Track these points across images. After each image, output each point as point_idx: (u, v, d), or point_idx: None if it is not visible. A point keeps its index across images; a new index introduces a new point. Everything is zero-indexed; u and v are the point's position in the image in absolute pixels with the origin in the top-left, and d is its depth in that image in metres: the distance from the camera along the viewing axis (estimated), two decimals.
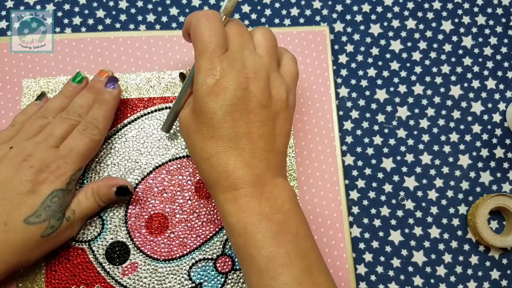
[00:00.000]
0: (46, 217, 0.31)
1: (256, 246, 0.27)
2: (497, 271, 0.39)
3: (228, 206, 0.28)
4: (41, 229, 0.31)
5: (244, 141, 0.28)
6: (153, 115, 0.38)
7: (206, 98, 0.28)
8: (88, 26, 0.41)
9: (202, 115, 0.28)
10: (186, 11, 0.41)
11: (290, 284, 0.26)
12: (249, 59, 0.29)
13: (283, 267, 0.27)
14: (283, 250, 0.27)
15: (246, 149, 0.28)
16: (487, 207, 0.38)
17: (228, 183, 0.28)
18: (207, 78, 0.28)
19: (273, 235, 0.27)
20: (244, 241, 0.28)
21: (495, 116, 0.41)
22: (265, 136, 0.29)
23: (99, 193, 0.34)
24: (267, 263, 0.27)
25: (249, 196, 0.28)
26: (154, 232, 0.36)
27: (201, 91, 0.28)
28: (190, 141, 0.30)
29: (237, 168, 0.28)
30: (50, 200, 0.31)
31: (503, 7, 0.43)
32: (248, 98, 0.28)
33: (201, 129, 0.29)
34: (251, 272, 0.28)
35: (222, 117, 0.28)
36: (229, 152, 0.28)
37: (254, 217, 0.27)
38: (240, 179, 0.28)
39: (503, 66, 0.42)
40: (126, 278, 0.35)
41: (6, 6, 0.40)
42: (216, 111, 0.28)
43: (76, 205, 0.33)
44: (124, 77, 0.38)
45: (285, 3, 0.42)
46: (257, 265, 0.27)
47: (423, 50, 0.42)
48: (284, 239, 0.27)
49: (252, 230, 0.27)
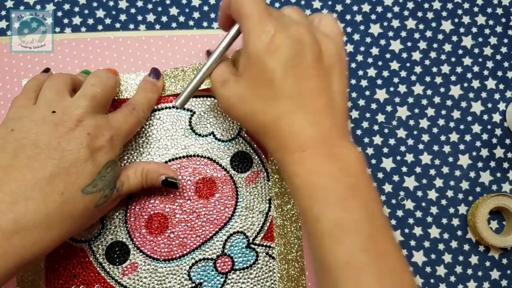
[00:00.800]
0: (101, 186, 0.30)
1: (322, 208, 0.26)
2: (497, 271, 0.39)
3: (295, 167, 0.27)
4: (96, 199, 0.30)
5: (308, 99, 0.28)
6: (153, 115, 0.38)
7: (263, 57, 0.27)
8: (88, 26, 0.41)
9: (261, 77, 0.28)
10: (186, 11, 0.41)
11: (355, 250, 0.25)
12: (291, 20, 0.29)
13: (348, 232, 0.26)
14: (350, 215, 0.26)
15: (310, 107, 0.28)
16: (487, 207, 0.38)
17: (295, 144, 0.27)
18: (261, 37, 0.27)
19: (341, 198, 0.26)
20: (310, 203, 0.27)
21: (495, 116, 0.41)
22: (325, 92, 0.28)
23: (147, 175, 0.34)
24: (333, 227, 0.26)
25: (318, 157, 0.27)
26: (154, 232, 0.36)
27: (256, 52, 0.28)
28: (247, 109, 0.29)
29: (304, 127, 0.27)
30: (105, 170, 0.30)
31: (503, 7, 0.43)
32: (304, 52, 0.28)
33: (261, 92, 0.28)
34: (314, 234, 0.27)
35: (282, 74, 0.27)
36: (295, 111, 0.28)
37: (323, 179, 0.27)
38: (308, 138, 0.27)
39: (503, 66, 0.42)
40: (126, 278, 0.35)
41: (6, 6, 0.40)
42: (276, 68, 0.27)
43: (125, 179, 0.33)
44: (124, 77, 0.38)
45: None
46: (322, 228, 0.26)
47: (423, 50, 0.42)
48: (352, 204, 0.26)
49: (319, 192, 0.27)
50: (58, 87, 0.31)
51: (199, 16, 0.41)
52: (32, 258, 0.27)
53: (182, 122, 0.38)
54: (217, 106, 0.38)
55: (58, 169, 0.28)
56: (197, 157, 0.37)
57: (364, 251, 0.25)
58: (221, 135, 0.38)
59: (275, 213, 0.37)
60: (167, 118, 0.38)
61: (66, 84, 0.32)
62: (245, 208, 0.37)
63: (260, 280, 0.36)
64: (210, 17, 0.41)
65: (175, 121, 0.38)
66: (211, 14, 0.41)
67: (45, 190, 0.27)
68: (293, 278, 0.36)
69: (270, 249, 0.36)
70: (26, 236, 0.26)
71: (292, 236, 0.36)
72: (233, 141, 0.38)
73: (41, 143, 0.28)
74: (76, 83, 0.33)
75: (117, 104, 0.37)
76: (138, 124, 0.35)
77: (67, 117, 0.30)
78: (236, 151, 0.38)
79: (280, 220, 0.37)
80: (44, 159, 0.28)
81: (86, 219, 0.30)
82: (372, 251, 0.25)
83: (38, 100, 0.31)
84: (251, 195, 0.37)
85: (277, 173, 0.37)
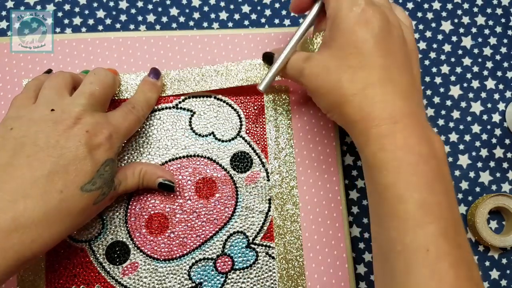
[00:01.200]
0: (100, 185, 0.30)
1: (408, 188, 0.25)
2: (496, 271, 0.39)
3: (383, 140, 0.26)
4: (95, 197, 0.30)
5: (396, 72, 0.28)
6: (153, 115, 0.38)
7: (355, 26, 0.28)
8: (88, 26, 0.41)
9: (351, 46, 0.28)
10: (186, 11, 0.41)
11: (437, 236, 0.24)
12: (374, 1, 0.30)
13: (433, 217, 0.25)
14: (436, 199, 0.25)
15: (398, 81, 0.28)
16: (486, 207, 0.38)
17: (385, 114, 0.27)
18: (353, 7, 0.28)
19: (428, 181, 0.25)
20: (395, 180, 0.26)
21: (495, 116, 0.41)
22: (410, 71, 0.29)
23: (145, 176, 0.34)
24: (417, 209, 0.25)
25: (409, 132, 0.26)
26: (154, 232, 0.36)
27: (348, 21, 0.28)
28: (332, 80, 0.29)
29: (395, 98, 0.27)
30: (104, 168, 0.30)
31: (502, 7, 0.43)
32: (391, 29, 0.29)
33: (349, 62, 0.28)
34: (393, 214, 0.26)
35: (374, 45, 0.28)
36: (384, 82, 0.28)
37: (412, 157, 0.26)
38: (399, 111, 0.27)
39: (502, 66, 0.42)
40: (126, 278, 0.35)
41: (7, 6, 0.40)
42: (368, 39, 0.28)
43: (123, 178, 0.33)
44: (124, 77, 0.38)
45: (285, 3, 0.42)
46: (405, 208, 0.25)
47: (422, 50, 0.42)
48: (438, 188, 0.26)
49: (407, 170, 0.26)
50: (58, 86, 0.31)
51: (199, 17, 0.41)
52: (31, 256, 0.27)
53: (182, 122, 0.38)
54: (217, 106, 0.38)
55: (57, 167, 0.28)
56: (197, 157, 0.37)
57: (445, 239, 0.25)
58: (221, 135, 0.38)
59: (275, 213, 0.37)
60: (167, 118, 0.38)
61: (66, 83, 0.32)
62: (245, 208, 0.37)
63: (260, 280, 0.36)
64: (210, 17, 0.41)
65: (175, 121, 0.38)
66: (211, 15, 0.41)
67: (44, 188, 0.28)
68: (293, 278, 0.36)
69: (270, 249, 0.36)
70: (25, 234, 0.27)
71: (292, 236, 0.37)
72: (233, 141, 0.38)
73: (40, 141, 0.28)
74: (76, 81, 0.33)
75: (117, 105, 0.37)
76: (138, 123, 0.35)
77: (66, 115, 0.30)
78: (236, 151, 0.38)
79: (280, 220, 0.37)
80: (43, 157, 0.28)
81: (85, 216, 0.30)
82: (452, 240, 0.25)
83: (38, 99, 0.31)
84: (251, 195, 0.37)
85: (277, 173, 0.37)
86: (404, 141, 0.26)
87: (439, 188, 0.26)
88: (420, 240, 0.25)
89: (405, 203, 0.25)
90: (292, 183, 0.37)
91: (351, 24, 0.28)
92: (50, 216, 0.28)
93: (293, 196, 0.37)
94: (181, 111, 0.38)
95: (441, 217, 0.25)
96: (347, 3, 0.29)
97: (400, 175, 0.26)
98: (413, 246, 0.25)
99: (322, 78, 0.30)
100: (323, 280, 0.36)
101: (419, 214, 0.25)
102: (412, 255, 0.25)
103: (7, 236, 0.26)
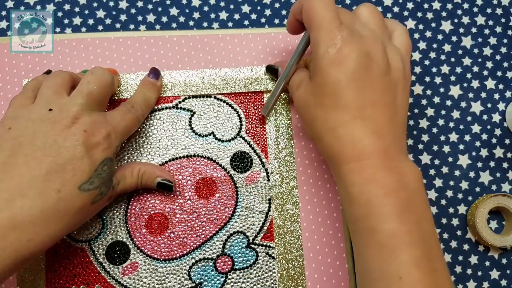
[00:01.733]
0: (98, 184, 0.30)
1: (378, 219, 0.26)
2: (496, 271, 0.39)
3: (352, 176, 0.28)
4: (93, 196, 0.30)
5: (369, 110, 0.28)
6: (153, 115, 0.38)
7: (329, 68, 0.28)
8: (88, 26, 0.41)
9: (325, 86, 0.28)
10: (186, 11, 0.41)
11: (409, 264, 0.25)
12: (363, 30, 0.29)
13: (403, 246, 0.26)
14: (406, 229, 0.26)
15: (371, 119, 0.28)
16: (486, 207, 0.38)
17: (354, 153, 0.28)
18: (329, 48, 0.28)
19: (398, 211, 0.26)
20: (366, 212, 0.27)
21: (495, 116, 0.41)
22: (388, 106, 0.29)
23: (143, 176, 0.34)
24: (388, 239, 0.26)
25: (377, 167, 0.27)
26: (154, 232, 0.36)
27: (323, 62, 0.28)
28: (310, 115, 0.30)
29: (365, 137, 0.28)
30: (102, 167, 0.30)
31: (502, 7, 0.43)
32: (370, 65, 0.28)
33: (324, 101, 0.29)
34: (367, 244, 0.27)
35: (346, 85, 0.28)
36: (355, 121, 0.28)
37: (380, 190, 0.27)
38: (367, 149, 0.27)
39: (502, 66, 0.42)
40: (126, 278, 0.35)
41: (7, 6, 0.40)
42: (340, 79, 0.28)
43: (122, 178, 0.33)
44: (125, 77, 0.38)
45: (285, 3, 0.42)
46: (377, 239, 0.26)
47: (422, 50, 0.42)
48: (408, 218, 0.26)
49: (376, 202, 0.27)
50: (56, 86, 0.31)
51: (199, 17, 0.41)
52: (29, 255, 0.27)
53: (182, 122, 0.38)
54: (217, 106, 0.38)
55: (54, 166, 0.28)
56: (197, 157, 0.37)
57: (417, 267, 0.25)
58: (221, 135, 0.38)
59: (275, 213, 0.37)
60: (167, 118, 0.38)
61: (64, 82, 0.32)
62: (245, 208, 0.37)
63: (260, 280, 0.36)
64: (210, 17, 0.41)
65: (175, 121, 0.38)
66: (211, 15, 0.41)
67: (41, 187, 0.28)
68: (293, 278, 0.36)
69: (270, 249, 0.36)
70: (22, 233, 0.27)
71: (292, 236, 0.37)
72: (233, 141, 0.38)
73: (38, 141, 0.28)
74: (75, 81, 0.33)
75: (117, 104, 0.37)
76: (137, 122, 0.35)
77: (63, 115, 0.30)
78: (236, 151, 0.38)
79: (280, 220, 0.37)
80: (41, 157, 0.28)
81: (83, 216, 0.30)
82: (424, 267, 0.26)
83: (36, 99, 0.31)
84: (251, 195, 0.37)
85: (277, 173, 0.37)
86: (372, 176, 0.27)
87: (410, 217, 0.26)
88: (393, 269, 0.26)
89: (377, 234, 0.26)
90: (292, 183, 0.37)
91: (325, 66, 0.28)
92: (47, 215, 0.27)
93: (293, 196, 0.37)
94: (181, 111, 0.38)
95: (413, 245, 0.26)
96: (325, 42, 0.28)
97: (369, 208, 0.27)
98: (387, 274, 0.26)
99: (304, 111, 0.31)
100: (323, 280, 0.36)
101: (391, 244, 0.26)
102: (387, 283, 0.26)
103: (4, 235, 0.26)
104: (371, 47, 0.29)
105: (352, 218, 0.28)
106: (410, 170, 0.28)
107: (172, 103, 0.38)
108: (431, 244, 0.27)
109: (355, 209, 0.28)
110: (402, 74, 0.30)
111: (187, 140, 0.38)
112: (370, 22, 0.30)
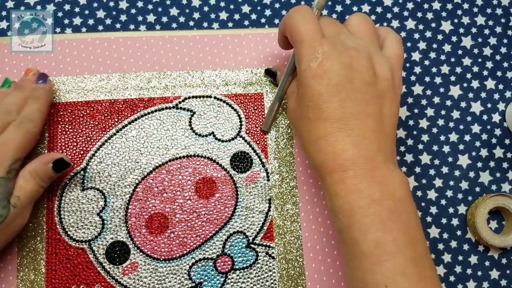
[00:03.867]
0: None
1: (362, 229, 0.27)
2: (496, 270, 0.39)
3: (336, 187, 0.28)
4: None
5: (353, 121, 0.28)
6: (153, 115, 0.38)
7: (310, 81, 0.28)
8: (89, 26, 0.41)
9: (308, 99, 0.29)
10: (186, 11, 0.41)
11: (394, 272, 0.25)
12: (348, 41, 0.30)
13: (388, 255, 0.26)
14: (391, 238, 0.26)
15: (355, 130, 0.28)
16: (486, 207, 0.38)
17: (336, 164, 0.28)
18: (310, 62, 0.28)
19: (382, 221, 0.26)
20: (349, 223, 0.27)
21: (495, 116, 0.41)
22: (373, 116, 0.29)
23: (38, 173, 0.33)
24: (372, 248, 0.26)
25: (359, 178, 0.27)
26: (154, 232, 0.36)
27: (305, 76, 0.29)
28: (297, 126, 0.31)
29: (347, 149, 0.28)
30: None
31: (502, 8, 0.43)
32: (353, 76, 0.28)
33: (307, 113, 0.29)
34: (352, 254, 0.27)
35: (328, 98, 0.28)
36: (338, 133, 0.28)
37: (363, 200, 0.27)
38: (349, 160, 0.28)
39: (502, 66, 0.42)
40: (126, 277, 0.35)
41: (7, 6, 0.40)
42: (322, 92, 0.28)
43: (19, 191, 0.33)
44: (125, 77, 0.38)
45: (285, 3, 0.42)
46: (361, 249, 0.27)
47: (422, 51, 0.42)
48: (393, 227, 0.26)
49: (359, 213, 0.27)
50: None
51: (199, 17, 0.41)
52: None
53: (182, 122, 0.38)
54: (217, 106, 0.38)
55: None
56: (197, 157, 0.37)
57: (404, 276, 0.25)
58: (221, 135, 0.38)
59: (275, 213, 0.37)
60: (167, 118, 0.38)
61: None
62: (245, 208, 0.37)
63: (260, 280, 0.36)
64: (210, 17, 0.41)
65: (175, 121, 0.38)
66: (211, 15, 0.41)
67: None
68: (293, 278, 0.36)
69: (270, 249, 0.36)
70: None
71: (292, 236, 0.37)
72: (233, 141, 0.38)
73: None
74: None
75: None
76: (31, 134, 0.34)
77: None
78: (236, 151, 0.38)
79: (280, 220, 0.37)
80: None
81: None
82: (412, 275, 0.26)
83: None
84: (251, 195, 0.37)
85: (277, 173, 0.38)
86: (354, 186, 0.27)
87: (395, 226, 0.27)
88: (379, 278, 0.26)
89: (361, 244, 0.27)
90: (292, 183, 0.37)
91: (307, 79, 0.29)
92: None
93: (293, 196, 0.37)
94: (181, 111, 0.38)
95: (399, 254, 0.26)
96: (306, 57, 0.29)
97: (353, 218, 0.27)
98: (372, 284, 0.26)
99: (292, 121, 0.32)
100: (323, 280, 0.36)
101: (375, 253, 0.26)
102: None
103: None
104: (355, 58, 0.29)
105: (337, 229, 0.29)
106: (396, 179, 0.28)
107: (172, 103, 0.38)
108: (419, 251, 0.27)
109: (339, 219, 0.28)
110: (390, 84, 0.30)
111: (187, 140, 0.38)
112: (360, 31, 0.31)
